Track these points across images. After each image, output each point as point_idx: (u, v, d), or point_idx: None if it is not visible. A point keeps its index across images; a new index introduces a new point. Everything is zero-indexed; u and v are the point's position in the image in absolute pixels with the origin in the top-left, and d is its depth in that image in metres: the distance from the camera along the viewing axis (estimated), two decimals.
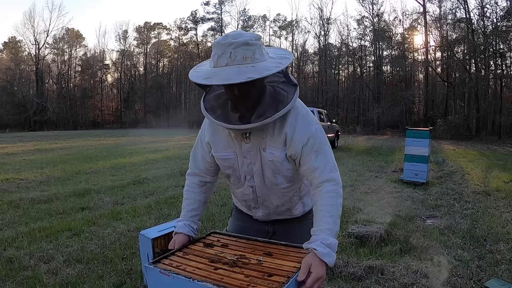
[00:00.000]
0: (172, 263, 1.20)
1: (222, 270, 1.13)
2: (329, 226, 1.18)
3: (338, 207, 1.24)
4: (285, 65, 1.21)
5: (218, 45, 1.17)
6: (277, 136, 1.29)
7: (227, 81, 1.12)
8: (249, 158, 1.35)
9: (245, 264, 1.17)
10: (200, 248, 1.33)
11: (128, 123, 42.44)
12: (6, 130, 32.17)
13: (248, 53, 1.16)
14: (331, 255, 1.12)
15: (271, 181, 1.38)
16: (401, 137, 18.19)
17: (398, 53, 31.69)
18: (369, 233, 3.44)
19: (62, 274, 2.75)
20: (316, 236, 1.17)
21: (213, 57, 1.20)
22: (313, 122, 1.31)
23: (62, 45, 43.72)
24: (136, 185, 6.38)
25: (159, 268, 1.15)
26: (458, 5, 25.75)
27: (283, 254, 1.24)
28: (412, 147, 6.57)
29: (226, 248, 1.32)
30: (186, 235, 1.41)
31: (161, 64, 47.11)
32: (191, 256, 1.26)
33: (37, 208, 4.75)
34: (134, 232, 3.66)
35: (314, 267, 1.08)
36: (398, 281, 2.63)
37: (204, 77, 1.18)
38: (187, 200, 1.50)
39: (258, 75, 1.12)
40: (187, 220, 1.45)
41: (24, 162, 9.38)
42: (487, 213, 4.46)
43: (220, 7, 42.62)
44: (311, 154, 1.27)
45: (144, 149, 13.39)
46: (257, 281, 1.05)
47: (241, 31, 1.22)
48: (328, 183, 1.26)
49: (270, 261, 1.18)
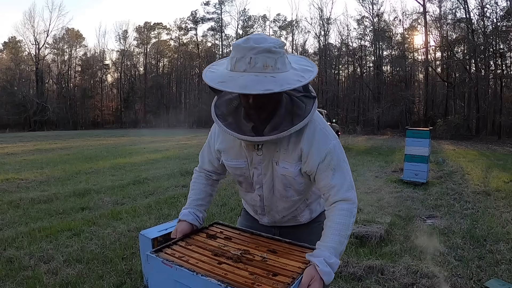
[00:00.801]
0: (174, 253, 1.18)
1: (226, 265, 1.11)
2: (334, 245, 1.14)
3: (349, 226, 1.20)
4: (308, 80, 1.12)
5: (238, 47, 1.09)
6: (292, 151, 1.22)
7: (243, 90, 1.04)
8: (260, 169, 1.30)
9: (249, 260, 1.15)
10: (203, 239, 1.31)
11: (128, 123, 42.43)
12: (6, 130, 32.15)
13: (269, 61, 1.07)
14: (330, 275, 1.09)
15: (281, 193, 1.33)
16: (401, 137, 18.18)
17: (398, 53, 31.68)
18: (369, 233, 3.44)
19: (62, 274, 2.75)
20: (320, 251, 1.14)
21: (231, 60, 1.11)
22: (331, 137, 1.24)
23: (62, 45, 43.70)
24: (136, 185, 6.38)
25: (162, 258, 1.12)
26: (458, 5, 25.76)
27: (287, 252, 1.23)
28: (412, 147, 6.57)
29: (229, 241, 1.30)
30: (190, 223, 1.37)
31: (161, 64, 47.10)
32: (194, 247, 1.24)
33: (37, 208, 4.75)
34: (134, 232, 3.67)
35: (314, 281, 1.06)
36: (398, 281, 2.63)
37: (219, 80, 1.09)
38: (193, 191, 1.47)
39: (278, 88, 1.03)
40: (192, 208, 1.42)
41: (24, 162, 9.38)
42: (487, 213, 4.46)
43: (220, 7, 42.65)
44: (328, 171, 1.21)
45: (144, 149, 13.39)
46: (262, 280, 1.03)
47: (265, 36, 1.12)
48: (343, 202, 1.21)
49: (274, 259, 1.17)
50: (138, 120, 43.18)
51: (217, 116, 1.23)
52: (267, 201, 1.37)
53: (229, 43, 43.78)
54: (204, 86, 43.92)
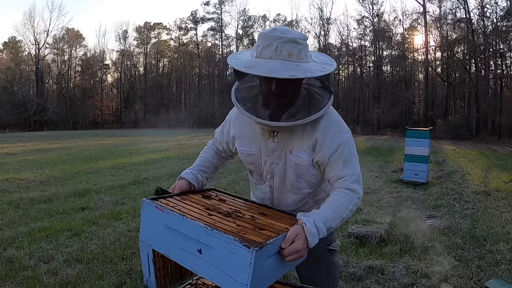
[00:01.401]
0: (168, 203, 1.22)
1: (215, 217, 1.15)
2: (327, 216, 1.16)
3: (346, 210, 1.22)
4: (328, 71, 1.18)
5: (266, 36, 1.14)
6: (307, 140, 1.26)
7: (270, 74, 1.08)
8: (273, 158, 1.33)
9: (238, 217, 1.19)
10: (199, 198, 1.35)
11: (128, 123, 42.42)
12: (6, 130, 32.15)
13: (294, 51, 1.13)
14: (315, 237, 1.10)
15: (292, 184, 1.35)
16: (401, 137, 18.18)
17: (398, 53, 31.66)
18: (369, 233, 3.44)
19: (62, 274, 2.75)
20: (312, 214, 1.16)
21: (256, 47, 1.17)
22: (345, 130, 1.29)
23: (62, 45, 43.70)
24: (136, 185, 6.38)
25: (155, 204, 1.17)
26: (458, 5, 25.74)
27: (276, 217, 1.26)
28: (412, 147, 6.57)
29: (223, 202, 1.34)
30: (189, 182, 1.41)
31: (161, 64, 47.10)
32: (188, 201, 1.28)
33: (37, 208, 4.75)
34: (134, 232, 3.67)
35: (298, 239, 1.06)
36: (398, 281, 2.63)
37: (245, 65, 1.14)
38: (200, 158, 1.55)
39: (302, 75, 1.11)
40: (194, 169, 1.47)
41: (24, 162, 9.38)
42: (487, 213, 4.46)
43: (220, 7, 42.62)
44: (339, 162, 1.25)
45: (144, 149, 13.39)
46: (247, 231, 1.06)
47: (289, 28, 1.19)
48: (348, 190, 1.24)
49: (263, 219, 1.21)
50: (138, 120, 43.17)
51: (237, 100, 1.27)
52: (277, 193, 1.39)
53: (229, 43, 43.82)
54: (204, 86, 44.01)
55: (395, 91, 30.06)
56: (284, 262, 1.06)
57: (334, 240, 1.48)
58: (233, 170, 7.69)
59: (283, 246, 1.04)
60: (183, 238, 1.07)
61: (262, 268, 0.97)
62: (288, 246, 1.04)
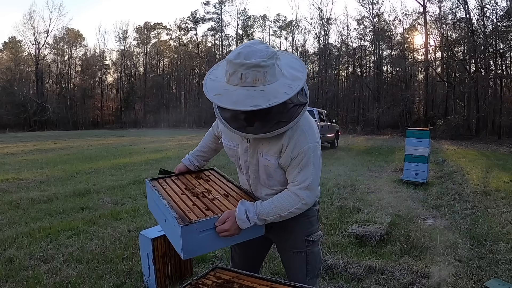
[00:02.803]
0: (162, 183, 1.60)
1: (185, 196, 1.47)
2: (263, 209, 1.33)
3: (285, 211, 1.34)
4: (295, 90, 1.19)
5: (231, 63, 1.17)
6: (274, 145, 1.33)
7: (234, 106, 1.14)
8: (247, 157, 1.43)
9: (203, 197, 1.47)
10: (191, 178, 1.67)
11: (128, 123, 42.43)
12: (6, 130, 32.18)
13: (259, 75, 1.15)
14: (245, 223, 1.30)
15: (265, 182, 1.45)
16: (401, 137, 18.19)
17: (398, 53, 31.68)
18: (369, 233, 3.43)
19: (62, 274, 2.75)
20: (249, 204, 1.35)
21: (225, 72, 1.21)
22: (309, 140, 1.32)
23: (62, 45, 43.72)
24: (136, 185, 6.38)
25: (151, 184, 1.58)
26: (458, 5, 25.75)
27: (235, 199, 1.46)
28: (412, 147, 6.56)
29: (206, 182, 1.64)
30: (186, 166, 1.73)
31: (161, 64, 47.13)
32: (179, 182, 1.62)
33: (37, 208, 4.75)
34: (134, 232, 3.66)
35: (229, 220, 1.29)
36: (398, 281, 2.63)
37: (215, 92, 1.20)
38: (202, 142, 1.77)
39: (265, 104, 1.13)
40: (192, 156, 1.75)
41: (24, 162, 9.38)
42: (487, 213, 4.46)
43: (220, 7, 42.65)
44: (296, 168, 1.33)
45: (144, 149, 13.39)
46: (195, 210, 1.35)
47: (255, 47, 1.18)
48: (294, 195, 1.34)
49: (221, 200, 1.45)
50: (138, 120, 43.19)
51: (217, 107, 1.34)
52: (253, 186, 1.51)
53: (229, 43, 43.83)
54: None
55: (395, 91, 30.08)
56: (220, 237, 1.31)
57: (314, 232, 1.53)
58: (233, 170, 7.68)
59: (216, 225, 1.29)
60: (159, 209, 1.46)
61: (194, 239, 1.26)
62: (219, 225, 1.29)
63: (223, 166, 8.10)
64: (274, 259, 2.91)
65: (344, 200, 5.03)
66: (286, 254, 1.57)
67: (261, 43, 1.22)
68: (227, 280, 1.36)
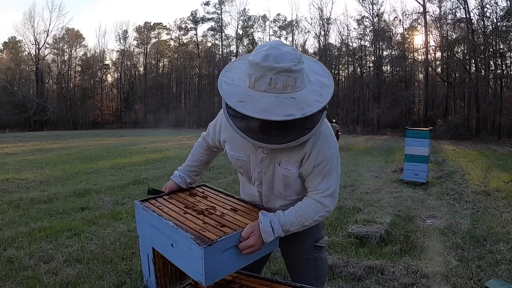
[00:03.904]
0: (155, 203, 1.45)
1: (189, 215, 1.33)
2: (287, 220, 1.23)
3: (309, 219, 1.27)
4: (326, 99, 1.10)
5: (258, 66, 1.04)
6: (296, 154, 1.25)
7: (264, 115, 1.01)
8: (261, 167, 1.32)
9: (210, 213, 1.35)
10: (185, 196, 1.54)
11: (128, 123, 42.42)
12: (6, 130, 32.16)
13: (289, 81, 1.05)
14: (270, 236, 1.20)
15: (280, 192, 1.37)
16: (401, 137, 18.18)
17: (398, 53, 31.67)
18: (369, 233, 3.43)
19: (62, 274, 2.75)
20: (272, 214, 1.24)
21: (249, 76, 1.07)
22: (332, 146, 1.27)
23: (62, 45, 43.70)
24: (136, 185, 6.38)
25: (143, 205, 1.42)
26: (458, 5, 25.75)
27: (246, 212, 1.39)
28: (412, 147, 6.56)
29: (205, 199, 1.51)
30: (177, 184, 1.58)
31: (161, 64, 47.10)
32: (173, 201, 1.47)
33: (37, 208, 4.75)
34: (134, 232, 3.66)
35: (253, 235, 1.18)
36: (398, 281, 2.63)
37: (238, 98, 1.05)
38: (191, 156, 1.63)
39: (299, 114, 1.02)
40: (183, 172, 1.60)
41: (24, 162, 9.37)
42: (487, 213, 4.46)
43: (220, 7, 42.62)
44: (318, 176, 1.27)
45: (144, 149, 13.38)
46: (209, 228, 1.22)
47: (283, 49, 1.07)
48: (318, 203, 1.28)
49: (231, 215, 1.34)
50: (138, 120, 43.18)
51: (229, 115, 1.19)
52: (265, 198, 1.41)
53: (229, 43, 43.82)
54: (204, 86, 44.00)
55: (395, 91, 30.08)
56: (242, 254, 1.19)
57: (322, 237, 1.50)
58: (233, 170, 7.68)
59: (240, 240, 1.17)
60: (161, 234, 1.28)
61: (217, 260, 1.12)
62: (243, 241, 1.17)
63: (223, 166, 8.11)
64: (274, 259, 2.91)
65: (344, 200, 5.02)
66: (293, 260, 1.51)
67: (286, 44, 1.12)
68: (227, 280, 1.36)
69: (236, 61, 1.22)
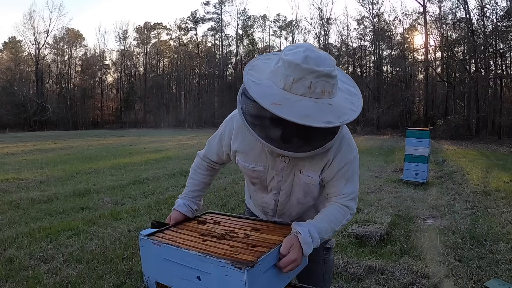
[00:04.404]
0: (164, 236, 1.25)
1: (210, 241, 1.17)
2: (322, 228, 1.18)
3: (339, 224, 1.24)
4: (359, 108, 1.06)
5: (297, 67, 0.98)
6: (319, 160, 1.21)
7: (304, 120, 0.94)
8: (281, 176, 1.28)
9: (232, 237, 1.21)
10: (194, 224, 1.38)
11: (128, 123, 42.42)
12: (6, 130, 32.16)
13: (327, 86, 1.00)
14: (310, 247, 1.10)
15: (299, 200, 1.34)
16: (401, 137, 18.17)
17: (398, 53, 31.66)
18: (369, 233, 3.44)
19: (62, 274, 2.75)
20: (307, 224, 1.16)
21: (284, 77, 1.00)
22: (353, 149, 1.25)
23: (62, 45, 43.69)
24: (136, 185, 6.38)
25: (152, 239, 1.20)
26: (458, 5, 25.74)
27: (270, 230, 1.28)
28: (412, 147, 6.56)
29: (218, 224, 1.37)
30: (183, 213, 1.41)
31: (161, 64, 47.09)
32: (184, 231, 1.31)
33: (37, 208, 4.75)
34: (134, 232, 3.66)
35: (293, 249, 1.07)
36: (398, 281, 2.63)
37: (273, 101, 0.97)
38: (192, 180, 1.49)
39: (338, 121, 0.98)
40: (187, 200, 1.44)
41: (24, 162, 9.38)
42: (487, 213, 4.46)
43: (220, 7, 42.60)
44: (342, 180, 1.24)
45: (144, 149, 13.38)
46: (240, 250, 1.08)
47: (319, 53, 1.03)
48: (345, 207, 1.25)
49: (256, 235, 1.23)
50: (138, 120, 43.18)
51: (247, 122, 1.10)
52: (281, 206, 1.38)
53: (229, 43, 43.79)
54: (204, 86, 44.02)
55: (395, 91, 30.07)
56: (283, 272, 1.08)
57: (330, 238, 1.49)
58: (233, 170, 7.68)
59: (280, 257, 1.05)
60: (182, 268, 1.10)
61: (260, 283, 1.00)
62: (283, 258, 1.05)
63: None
64: None
65: None
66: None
67: (318, 48, 1.07)
68: None
69: (258, 60, 1.15)
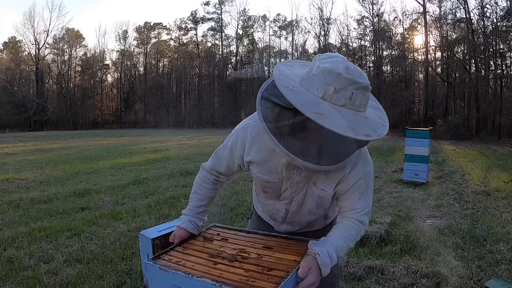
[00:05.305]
0: (171, 259, 1.19)
1: (221, 265, 1.12)
2: (338, 247, 1.16)
3: (353, 241, 1.23)
4: (387, 122, 1.06)
5: (339, 77, 0.95)
6: (335, 174, 1.19)
7: (349, 132, 0.91)
8: (295, 188, 1.26)
9: (244, 258, 1.16)
10: (200, 243, 1.32)
11: (128, 123, 42.42)
12: (6, 130, 32.17)
13: (364, 99, 0.99)
14: (328, 268, 1.08)
15: (310, 210, 1.33)
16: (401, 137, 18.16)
17: (398, 53, 31.67)
18: (369, 233, 3.43)
19: (62, 274, 2.75)
20: (325, 243, 1.13)
21: (324, 86, 0.96)
22: (369, 162, 1.24)
23: (62, 45, 43.70)
24: (136, 185, 6.38)
25: (159, 265, 1.14)
26: (458, 5, 25.73)
27: (283, 247, 1.24)
28: (412, 147, 6.56)
29: (226, 242, 1.31)
30: (188, 231, 1.36)
31: (161, 64, 47.09)
32: (190, 251, 1.25)
33: (37, 208, 4.75)
34: (134, 232, 3.66)
35: (312, 271, 1.04)
36: (398, 281, 2.63)
37: (314, 110, 0.92)
38: (197, 194, 1.43)
39: (375, 135, 0.97)
40: (192, 216, 1.39)
41: (24, 162, 9.38)
42: (487, 213, 4.46)
43: (220, 7, 42.61)
44: (356, 194, 1.22)
45: (144, 149, 13.38)
46: (256, 275, 1.03)
47: (353, 65, 1.00)
48: (358, 222, 1.24)
49: (270, 254, 1.18)
50: (138, 120, 43.18)
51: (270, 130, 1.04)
52: (292, 215, 1.37)
53: (229, 43, 43.78)
54: (204, 86, 44.02)
55: (395, 91, 30.06)
56: None
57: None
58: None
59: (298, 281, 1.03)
60: None
61: None
62: (301, 281, 1.02)
63: None
64: None
65: None
66: None
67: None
68: None
69: (282, 65, 1.11)
